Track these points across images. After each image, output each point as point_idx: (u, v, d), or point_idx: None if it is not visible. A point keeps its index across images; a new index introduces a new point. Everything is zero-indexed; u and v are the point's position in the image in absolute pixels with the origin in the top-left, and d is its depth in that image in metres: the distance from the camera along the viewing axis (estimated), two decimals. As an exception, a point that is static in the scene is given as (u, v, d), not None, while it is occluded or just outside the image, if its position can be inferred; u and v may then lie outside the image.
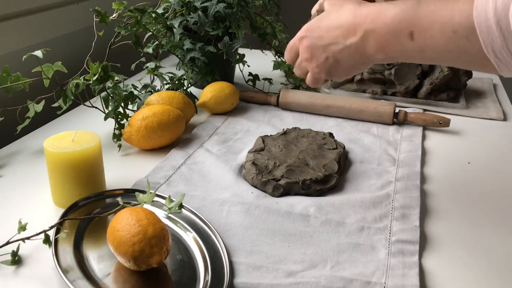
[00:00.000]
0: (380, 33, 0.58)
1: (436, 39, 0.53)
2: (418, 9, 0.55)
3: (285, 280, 0.59)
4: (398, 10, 0.56)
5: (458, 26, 0.51)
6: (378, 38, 0.58)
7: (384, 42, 0.58)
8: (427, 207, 0.75)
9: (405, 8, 0.56)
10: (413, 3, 0.56)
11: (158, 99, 0.96)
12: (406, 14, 0.56)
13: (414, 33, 0.55)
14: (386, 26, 0.57)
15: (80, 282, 0.56)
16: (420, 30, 0.54)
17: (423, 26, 0.54)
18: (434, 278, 0.61)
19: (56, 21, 1.11)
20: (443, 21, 0.52)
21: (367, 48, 0.60)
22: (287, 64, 1.20)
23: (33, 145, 0.91)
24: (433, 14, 0.53)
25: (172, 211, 0.65)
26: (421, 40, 0.55)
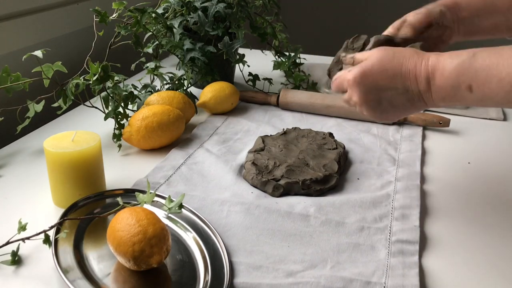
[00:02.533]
0: (440, 85, 0.60)
1: (494, 92, 0.56)
2: (474, 63, 0.57)
3: (285, 280, 0.59)
4: (455, 64, 0.58)
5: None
6: (439, 89, 0.60)
7: (444, 93, 0.60)
8: (427, 207, 0.75)
9: (462, 62, 0.58)
10: (469, 55, 0.58)
11: (158, 99, 0.96)
12: (463, 68, 0.58)
13: (473, 87, 0.57)
14: (445, 79, 0.59)
15: (80, 282, 0.56)
16: (478, 84, 0.56)
17: (481, 81, 0.56)
18: (434, 278, 0.61)
19: (56, 21, 1.10)
20: (501, 77, 0.54)
21: (429, 96, 0.62)
22: (287, 64, 1.20)
23: (33, 145, 0.91)
24: (490, 69, 0.55)
25: (172, 211, 0.65)
26: (480, 93, 0.57)
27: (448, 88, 0.60)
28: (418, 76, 0.61)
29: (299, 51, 1.21)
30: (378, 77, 0.64)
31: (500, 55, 0.56)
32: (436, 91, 0.61)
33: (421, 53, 0.63)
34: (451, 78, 0.59)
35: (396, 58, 0.63)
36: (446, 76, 0.59)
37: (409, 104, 0.64)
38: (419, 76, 0.61)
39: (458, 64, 0.58)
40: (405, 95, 0.63)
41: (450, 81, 0.59)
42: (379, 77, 0.64)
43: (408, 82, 0.62)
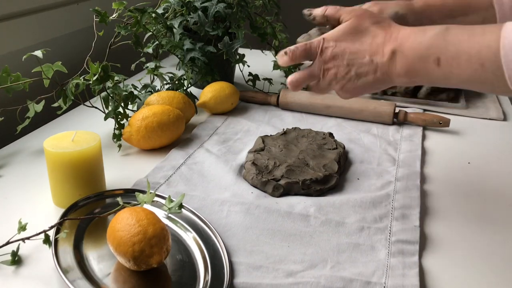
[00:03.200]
0: (407, 56, 0.59)
1: (462, 68, 0.55)
2: (447, 37, 0.56)
3: (285, 280, 0.59)
4: (428, 36, 0.58)
5: (485, 60, 0.53)
6: (405, 61, 0.59)
7: (410, 65, 0.59)
8: (427, 207, 0.75)
9: (434, 35, 0.57)
10: (442, 30, 0.57)
11: (158, 99, 0.96)
12: (434, 40, 0.57)
13: (441, 60, 0.56)
14: (414, 50, 0.59)
15: (80, 282, 0.56)
16: (447, 58, 0.56)
17: (450, 54, 0.56)
18: (434, 278, 0.61)
19: (56, 21, 1.10)
20: (470, 53, 0.54)
21: (392, 69, 0.61)
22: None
23: (33, 145, 0.91)
24: (461, 44, 0.55)
25: (172, 211, 0.65)
26: (447, 68, 0.56)
27: (416, 59, 0.58)
28: (385, 46, 0.61)
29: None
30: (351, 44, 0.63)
31: (472, 32, 0.55)
32: (400, 62, 0.60)
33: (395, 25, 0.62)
34: (421, 49, 0.58)
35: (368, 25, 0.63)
36: (415, 46, 0.58)
37: (372, 76, 0.63)
38: (385, 46, 0.61)
39: (431, 36, 0.58)
40: (370, 65, 0.62)
41: (419, 52, 0.58)
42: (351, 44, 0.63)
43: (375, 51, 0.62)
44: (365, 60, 0.62)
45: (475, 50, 0.54)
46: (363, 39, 0.63)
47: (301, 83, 0.68)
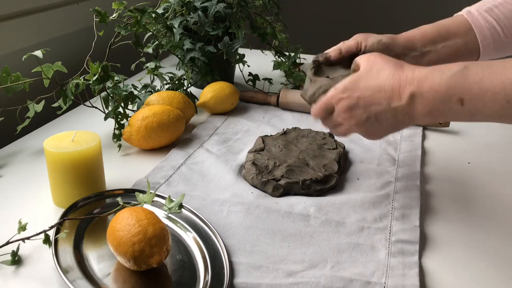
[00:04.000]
0: (428, 98, 0.59)
1: (488, 106, 0.55)
2: (467, 76, 0.56)
3: (285, 280, 0.59)
4: (446, 77, 0.57)
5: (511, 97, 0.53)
6: (426, 103, 0.59)
7: (432, 107, 0.59)
8: (427, 207, 0.75)
9: (453, 75, 0.57)
10: (461, 68, 0.57)
11: (158, 99, 0.96)
12: (454, 81, 0.57)
13: (465, 100, 0.56)
14: (435, 92, 0.58)
15: (80, 282, 0.56)
16: (471, 97, 0.56)
17: (473, 93, 0.55)
18: (434, 278, 0.61)
19: (56, 21, 1.10)
20: (495, 91, 0.54)
21: (413, 111, 0.61)
22: (287, 64, 1.20)
23: (33, 145, 0.91)
24: (483, 82, 0.55)
25: (172, 211, 0.65)
26: (472, 106, 0.56)
27: (438, 101, 0.58)
28: (402, 90, 0.60)
29: (299, 51, 1.21)
30: (364, 92, 0.63)
31: (492, 69, 0.55)
32: (421, 104, 0.60)
33: (407, 67, 0.62)
34: (441, 90, 0.58)
35: (382, 72, 0.63)
36: (436, 89, 0.58)
37: (393, 120, 0.63)
38: (403, 91, 0.60)
39: (449, 76, 0.57)
40: (389, 110, 0.62)
41: (441, 94, 0.58)
42: (365, 92, 0.63)
43: (393, 97, 0.61)
44: (382, 107, 0.62)
45: (498, 87, 0.54)
46: (376, 84, 0.62)
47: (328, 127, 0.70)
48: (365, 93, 0.63)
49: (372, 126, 0.64)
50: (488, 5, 0.73)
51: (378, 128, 0.64)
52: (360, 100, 0.63)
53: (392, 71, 0.62)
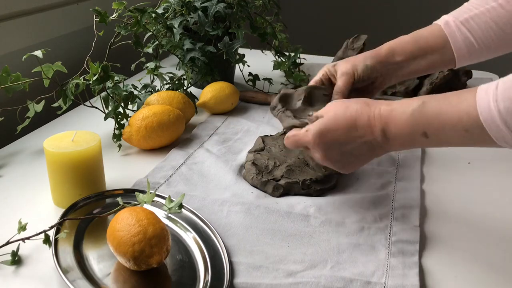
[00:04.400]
0: (396, 134, 0.61)
1: (449, 137, 0.57)
2: (426, 112, 0.59)
3: (285, 280, 0.59)
4: (407, 114, 0.60)
5: (469, 127, 0.55)
6: (396, 138, 0.62)
7: (401, 141, 0.62)
8: (427, 207, 0.75)
9: (413, 112, 0.60)
10: (419, 104, 0.60)
11: (158, 99, 0.96)
12: (415, 117, 0.60)
13: (428, 133, 0.59)
14: (400, 129, 0.61)
15: (80, 282, 0.56)
16: (433, 131, 0.58)
17: (434, 127, 0.58)
18: (434, 278, 0.61)
19: (56, 21, 1.10)
20: (453, 123, 0.56)
21: (387, 145, 0.63)
22: (287, 64, 1.20)
23: (33, 145, 0.91)
24: (441, 115, 0.57)
25: (172, 211, 0.65)
26: (436, 138, 0.59)
27: (405, 136, 0.61)
28: (373, 127, 0.63)
29: (299, 51, 1.21)
30: (335, 134, 0.65)
31: (449, 102, 0.57)
32: (393, 140, 0.62)
33: (372, 104, 0.65)
34: (405, 128, 0.61)
35: (349, 112, 0.65)
36: (400, 127, 0.61)
37: (370, 152, 0.65)
38: (374, 128, 0.63)
39: (410, 114, 0.60)
40: (365, 145, 0.64)
41: (405, 131, 0.61)
42: (336, 134, 0.65)
43: (365, 134, 0.64)
44: (357, 144, 0.64)
45: (456, 119, 0.56)
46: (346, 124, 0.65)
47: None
48: (338, 135, 0.65)
49: (347, 161, 0.67)
50: (465, 15, 0.76)
51: (352, 162, 0.67)
52: (334, 142, 0.65)
53: (358, 108, 0.65)
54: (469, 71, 1.18)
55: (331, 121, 0.66)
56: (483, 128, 0.53)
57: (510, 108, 0.51)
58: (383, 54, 0.79)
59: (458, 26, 0.76)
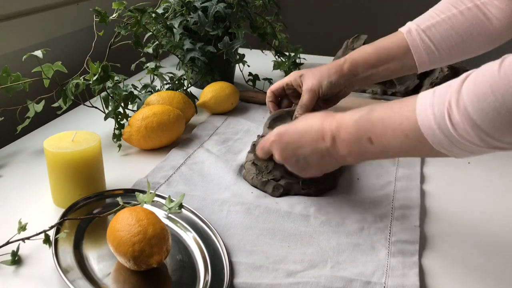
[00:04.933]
0: (344, 139, 0.63)
1: (391, 142, 0.59)
2: (371, 117, 0.61)
3: (285, 280, 0.59)
4: (355, 119, 0.63)
5: (408, 131, 0.56)
6: (344, 144, 0.64)
7: (349, 147, 0.63)
8: (427, 207, 0.75)
9: (360, 117, 0.62)
10: (367, 110, 0.62)
11: (158, 99, 0.96)
12: (362, 122, 0.62)
13: (372, 138, 0.60)
14: (348, 133, 0.63)
15: (80, 282, 0.56)
16: (376, 135, 0.60)
17: (378, 132, 0.60)
18: (434, 278, 0.61)
19: (56, 21, 1.10)
20: (394, 127, 0.58)
21: (336, 152, 0.65)
22: (287, 64, 1.20)
23: (33, 145, 0.91)
24: (384, 121, 0.59)
25: (172, 211, 0.65)
26: (380, 144, 0.60)
27: (351, 141, 0.63)
28: (325, 133, 0.65)
29: (299, 51, 1.21)
30: (291, 136, 0.69)
31: (392, 108, 0.59)
32: (341, 146, 0.64)
33: (330, 114, 0.67)
34: (353, 132, 0.62)
35: (308, 120, 0.69)
36: (348, 131, 0.63)
37: (321, 160, 0.67)
38: (326, 134, 0.65)
39: (357, 119, 0.62)
40: (316, 152, 0.66)
41: (352, 135, 0.62)
42: (291, 136, 0.69)
43: (317, 139, 0.66)
44: (308, 149, 0.67)
45: (397, 123, 0.57)
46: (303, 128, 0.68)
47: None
48: (293, 137, 0.69)
49: (302, 166, 0.69)
50: (428, 23, 0.79)
51: (307, 168, 0.69)
52: (289, 144, 0.69)
53: (319, 117, 0.68)
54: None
55: (291, 126, 0.70)
56: (421, 133, 0.54)
57: (443, 112, 0.52)
58: (346, 69, 0.84)
59: (420, 35, 0.79)
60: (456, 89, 0.51)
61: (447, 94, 0.52)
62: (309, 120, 0.69)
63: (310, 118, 0.69)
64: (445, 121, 0.51)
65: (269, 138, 0.72)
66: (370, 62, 0.83)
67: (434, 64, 0.82)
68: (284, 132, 0.70)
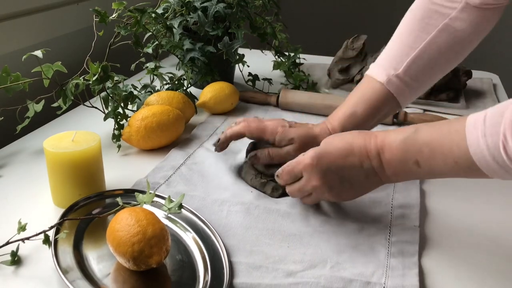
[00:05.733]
0: (389, 160, 0.62)
1: (440, 167, 0.58)
2: (418, 139, 0.59)
3: (285, 280, 0.59)
4: (400, 140, 0.61)
5: (458, 159, 0.55)
6: (389, 164, 0.62)
7: (395, 169, 0.62)
8: (427, 207, 0.75)
9: (406, 138, 0.60)
10: (412, 131, 0.60)
11: (157, 99, 0.96)
12: (407, 144, 0.60)
13: (420, 162, 0.59)
14: (394, 154, 0.61)
15: (79, 282, 0.56)
16: (424, 159, 0.58)
17: (426, 155, 0.58)
18: (433, 278, 0.61)
19: (56, 21, 1.10)
20: (443, 152, 0.56)
21: (382, 172, 0.64)
22: (287, 64, 1.20)
23: (33, 145, 0.92)
24: (432, 144, 0.58)
25: (171, 211, 0.65)
26: (427, 167, 0.59)
27: (397, 163, 0.61)
28: (369, 152, 0.64)
29: (299, 51, 1.21)
30: (334, 157, 0.65)
31: (440, 130, 0.58)
32: (387, 166, 0.63)
33: (366, 132, 0.66)
34: (398, 153, 0.61)
35: (345, 139, 0.66)
36: (394, 152, 0.62)
37: (366, 180, 0.65)
38: (370, 152, 0.64)
39: (402, 140, 0.61)
40: (362, 171, 0.65)
41: (398, 157, 0.61)
42: (334, 157, 0.65)
43: (362, 159, 0.64)
44: (355, 169, 0.65)
45: (446, 149, 0.56)
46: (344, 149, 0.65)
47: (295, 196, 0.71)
48: (335, 158, 0.65)
49: (344, 188, 0.67)
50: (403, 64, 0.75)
51: (349, 190, 0.67)
52: (331, 166, 0.65)
53: (358, 135, 0.66)
54: (469, 71, 1.18)
55: (328, 145, 0.66)
56: (473, 161, 0.54)
57: (497, 143, 0.51)
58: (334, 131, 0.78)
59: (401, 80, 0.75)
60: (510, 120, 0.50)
61: (500, 126, 0.50)
62: (347, 138, 0.66)
63: (347, 137, 0.66)
64: (500, 153, 0.51)
65: (301, 161, 0.67)
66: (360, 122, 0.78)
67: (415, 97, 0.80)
68: (323, 152, 0.66)
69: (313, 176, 0.66)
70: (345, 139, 0.66)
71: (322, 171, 0.66)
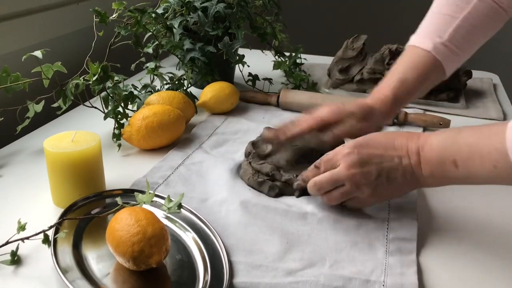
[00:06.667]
0: (428, 158, 0.62)
1: (478, 170, 0.58)
2: (458, 139, 0.59)
3: (284, 279, 0.59)
4: (441, 138, 0.61)
5: (497, 162, 0.55)
6: (428, 164, 0.62)
7: (433, 167, 0.62)
8: (426, 206, 0.75)
9: (447, 137, 0.61)
10: (455, 131, 0.61)
11: (158, 99, 0.96)
12: (447, 143, 0.60)
13: (458, 162, 0.59)
14: (432, 152, 0.62)
15: (79, 282, 0.56)
16: (463, 159, 0.58)
17: (464, 156, 0.58)
18: (433, 276, 0.61)
19: (56, 21, 1.11)
20: (482, 155, 0.56)
21: (420, 171, 0.64)
22: (287, 63, 1.20)
23: (33, 145, 0.92)
24: (472, 145, 0.58)
25: (171, 211, 0.65)
26: (465, 169, 0.59)
27: (436, 161, 0.62)
28: (410, 150, 0.64)
29: (300, 50, 1.21)
30: (374, 147, 0.66)
31: (481, 133, 0.58)
32: (424, 165, 0.63)
33: (414, 132, 0.66)
34: (438, 151, 0.61)
35: (388, 135, 0.67)
36: (434, 149, 0.62)
37: (402, 179, 0.65)
38: (410, 150, 0.64)
39: (444, 138, 0.61)
40: (400, 167, 0.64)
41: (437, 153, 0.61)
42: (374, 147, 0.66)
43: (402, 154, 0.64)
44: (394, 164, 0.64)
45: (486, 152, 0.56)
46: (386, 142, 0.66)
47: (324, 188, 0.69)
48: (377, 150, 0.65)
49: (381, 185, 0.66)
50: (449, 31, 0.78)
51: (386, 187, 0.66)
52: (371, 157, 0.65)
53: (402, 134, 0.66)
54: (469, 71, 1.18)
55: (369, 137, 0.67)
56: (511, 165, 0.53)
57: None
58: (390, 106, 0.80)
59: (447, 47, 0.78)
60: None
61: None
62: (390, 134, 0.67)
63: (391, 133, 0.67)
64: None
65: (341, 151, 0.67)
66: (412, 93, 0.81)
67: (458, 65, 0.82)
68: (364, 143, 0.66)
69: (351, 164, 0.65)
70: (388, 134, 0.67)
71: (361, 160, 0.65)
